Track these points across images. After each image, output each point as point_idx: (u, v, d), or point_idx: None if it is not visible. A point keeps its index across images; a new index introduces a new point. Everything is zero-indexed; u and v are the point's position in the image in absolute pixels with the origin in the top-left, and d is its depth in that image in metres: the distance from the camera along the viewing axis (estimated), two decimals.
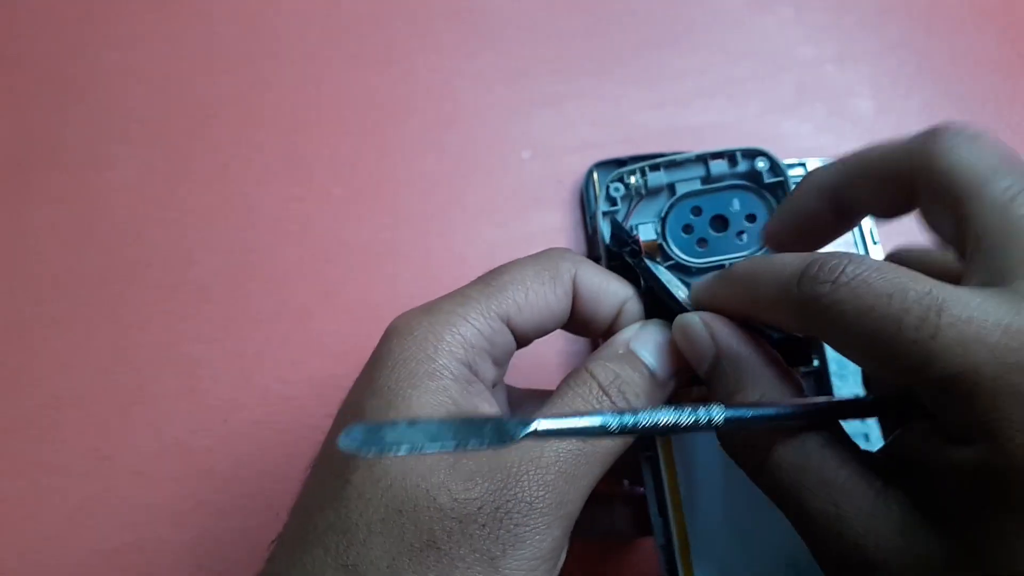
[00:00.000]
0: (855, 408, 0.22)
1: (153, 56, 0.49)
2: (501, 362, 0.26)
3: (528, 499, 0.21)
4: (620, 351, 0.25)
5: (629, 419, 0.20)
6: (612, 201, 0.29)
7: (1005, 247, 0.20)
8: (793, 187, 0.28)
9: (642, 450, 0.28)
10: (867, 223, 0.35)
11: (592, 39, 0.49)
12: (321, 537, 0.21)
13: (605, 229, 0.29)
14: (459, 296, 0.25)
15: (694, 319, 0.25)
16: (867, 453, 0.22)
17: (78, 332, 0.41)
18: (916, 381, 0.19)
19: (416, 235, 0.44)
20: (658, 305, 0.27)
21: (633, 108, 0.47)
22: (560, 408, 0.24)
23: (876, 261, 0.21)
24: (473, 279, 0.26)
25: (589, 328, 0.27)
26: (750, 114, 0.47)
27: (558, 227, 0.44)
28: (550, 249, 0.27)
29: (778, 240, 0.27)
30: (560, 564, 0.23)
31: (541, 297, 0.25)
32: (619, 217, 0.29)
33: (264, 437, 0.39)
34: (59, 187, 0.45)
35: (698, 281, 0.26)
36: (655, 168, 0.29)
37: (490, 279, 0.25)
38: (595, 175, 0.44)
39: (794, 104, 0.48)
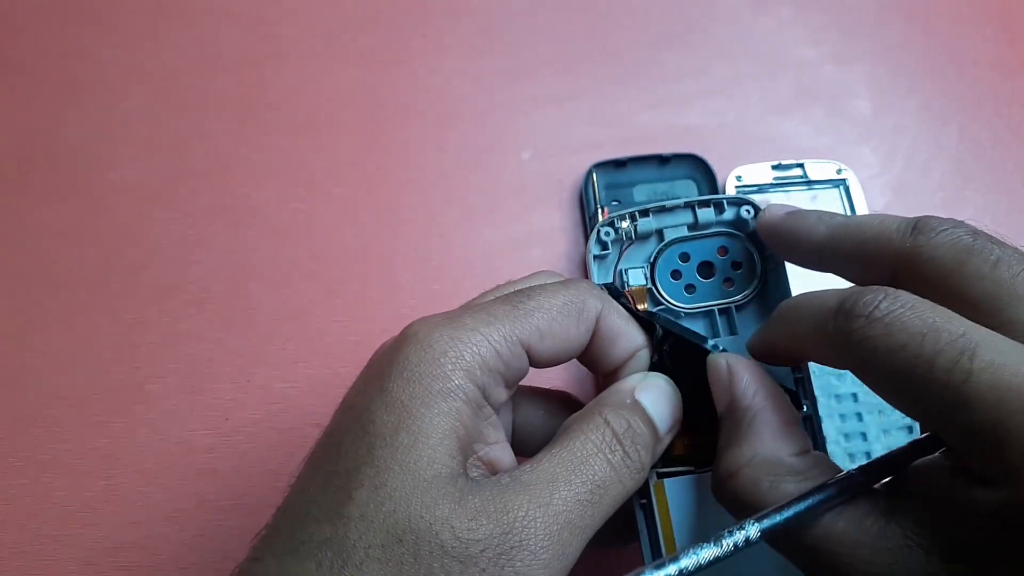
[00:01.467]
0: (880, 470, 0.23)
1: (153, 56, 0.49)
2: (512, 384, 0.25)
3: (532, 548, 0.21)
4: (627, 400, 0.25)
5: (680, 565, 0.21)
6: (603, 245, 0.30)
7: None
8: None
9: (637, 496, 0.28)
10: None
11: (592, 39, 0.49)
12: (315, 551, 0.21)
13: (596, 272, 0.30)
14: (484, 314, 0.24)
15: (719, 361, 0.26)
16: (881, 494, 0.23)
17: (78, 332, 0.42)
18: (945, 424, 0.19)
19: (416, 235, 0.44)
20: (669, 356, 0.27)
21: (633, 108, 0.48)
22: (571, 449, 0.23)
23: (912, 298, 0.21)
24: (475, 282, 0.26)
25: (596, 365, 0.27)
26: (749, 114, 0.47)
27: (558, 227, 0.44)
28: (580, 281, 0.26)
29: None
30: None
31: (564, 329, 0.25)
32: (610, 261, 0.30)
33: (264, 436, 0.39)
34: (59, 187, 0.45)
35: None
36: (644, 214, 0.30)
37: (518, 301, 0.25)
38: (595, 175, 0.44)
39: (793, 104, 0.48)
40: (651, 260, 0.30)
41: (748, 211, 0.29)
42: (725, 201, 0.29)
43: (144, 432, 0.39)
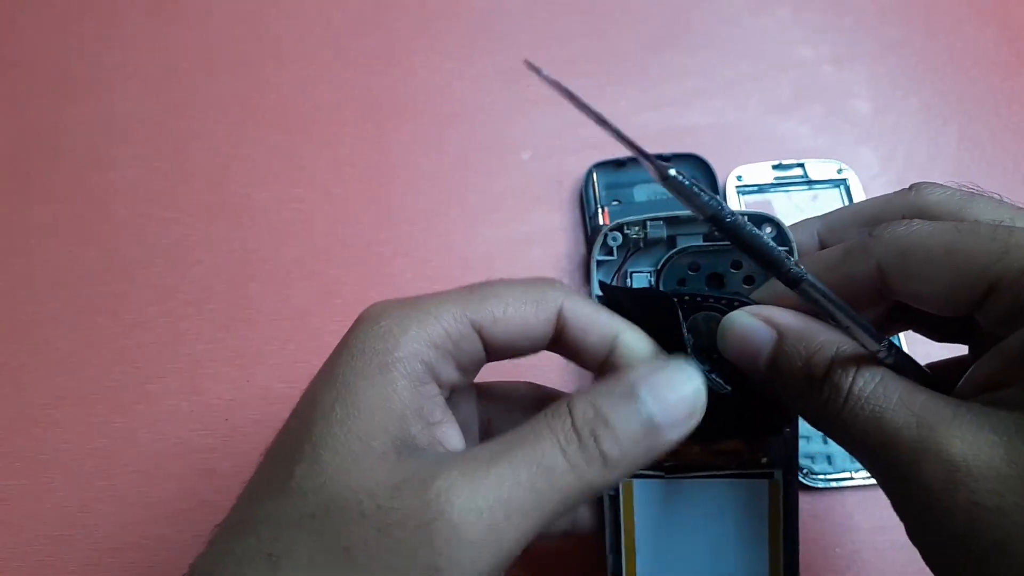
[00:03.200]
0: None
1: (153, 56, 0.49)
2: (467, 368, 0.25)
3: (454, 522, 0.20)
4: (617, 389, 0.23)
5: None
6: (608, 250, 0.29)
7: None
8: (797, 255, 0.28)
9: (608, 490, 0.28)
10: None
11: (592, 39, 0.49)
12: (256, 526, 0.21)
13: (597, 276, 0.29)
14: (438, 296, 0.24)
15: (740, 315, 0.25)
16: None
17: (79, 331, 0.42)
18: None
19: (416, 235, 0.44)
20: (667, 336, 0.26)
21: (632, 108, 0.48)
22: (521, 431, 0.22)
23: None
24: (471, 281, 0.26)
25: (583, 359, 0.26)
26: (749, 115, 0.47)
27: (558, 227, 0.44)
28: (542, 277, 0.26)
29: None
30: None
31: (520, 315, 0.24)
32: (614, 267, 0.29)
33: (265, 436, 0.39)
34: (59, 187, 0.45)
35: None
36: (656, 220, 0.29)
37: (474, 287, 0.25)
38: (595, 175, 0.44)
39: (792, 105, 0.48)
40: (658, 267, 0.29)
41: (771, 230, 0.28)
42: (747, 217, 0.28)
43: (144, 432, 0.39)
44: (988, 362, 0.23)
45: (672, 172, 0.20)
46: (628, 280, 0.29)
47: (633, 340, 0.25)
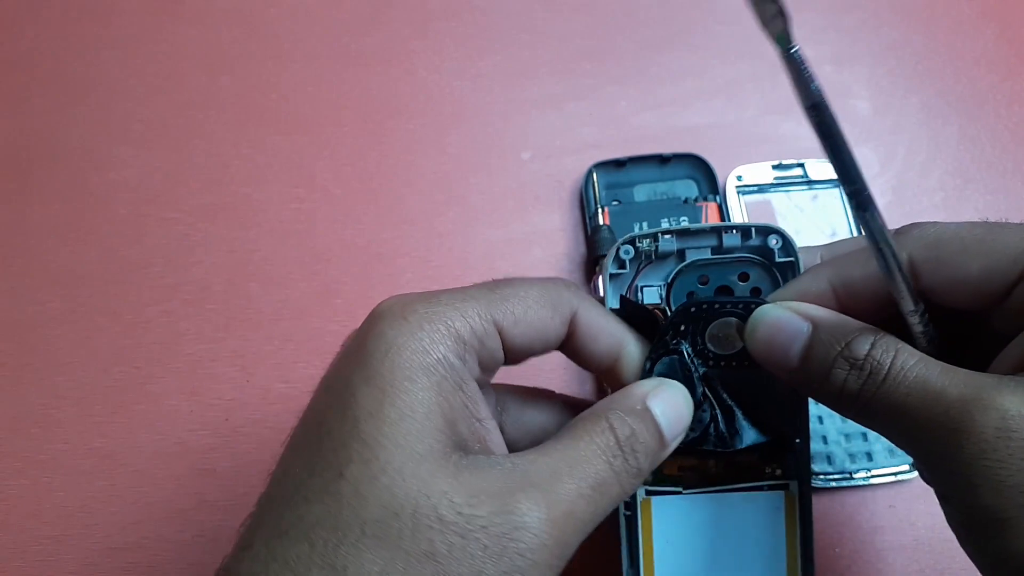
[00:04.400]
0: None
1: (153, 56, 0.49)
2: (489, 368, 0.25)
3: (535, 531, 0.21)
4: (637, 407, 0.25)
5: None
6: (621, 264, 0.29)
7: None
8: (802, 269, 0.28)
9: (623, 507, 0.28)
10: None
11: (592, 40, 0.49)
12: (307, 532, 0.20)
13: (611, 292, 0.29)
14: (459, 292, 0.24)
15: (772, 308, 0.26)
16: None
17: (79, 331, 0.42)
18: None
19: (416, 235, 0.44)
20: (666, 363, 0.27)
21: (632, 109, 0.48)
22: (575, 448, 0.23)
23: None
24: (475, 281, 0.26)
25: (587, 363, 0.27)
26: (748, 115, 0.47)
27: (558, 227, 0.44)
28: (557, 278, 0.26)
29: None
30: None
31: (539, 317, 0.25)
32: (626, 280, 0.29)
33: (265, 436, 0.39)
34: (60, 187, 0.45)
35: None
36: (667, 234, 0.29)
37: (494, 286, 0.25)
38: (595, 175, 0.44)
39: (792, 105, 0.47)
40: (668, 280, 0.29)
41: (777, 240, 0.28)
42: (754, 228, 0.29)
43: (144, 432, 0.39)
44: (1015, 347, 0.24)
45: (796, 48, 0.21)
46: (639, 295, 0.29)
47: (637, 353, 0.27)
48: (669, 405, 0.25)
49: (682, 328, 0.27)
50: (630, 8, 0.50)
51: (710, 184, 0.44)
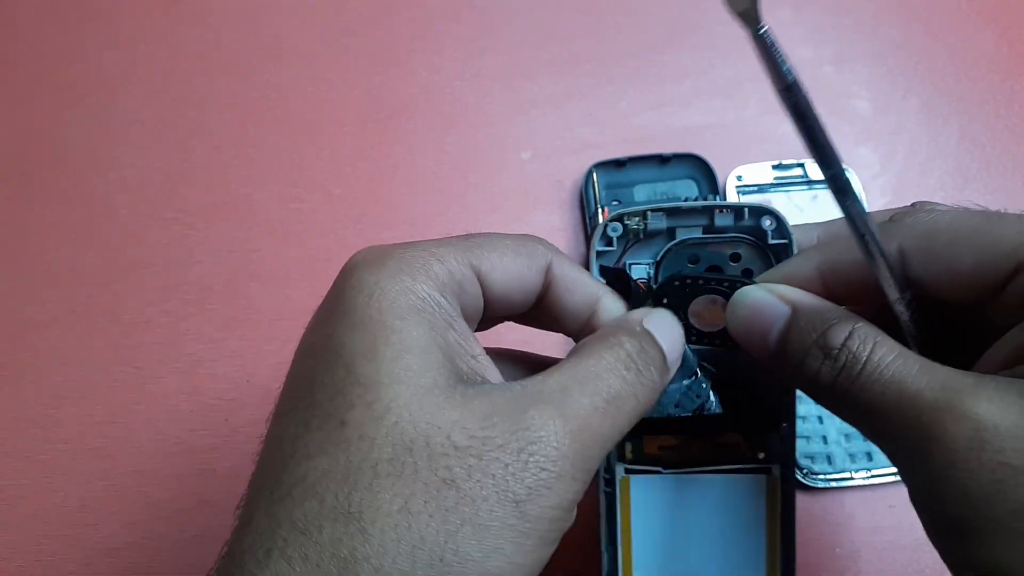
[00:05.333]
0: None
1: (153, 56, 0.49)
2: (470, 316, 0.24)
3: (555, 443, 0.20)
4: (637, 328, 0.24)
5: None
6: (608, 241, 0.29)
7: None
8: (796, 251, 0.28)
9: (604, 486, 0.28)
10: None
11: (592, 40, 0.49)
12: (314, 488, 0.19)
13: (596, 267, 0.29)
14: (434, 240, 0.24)
15: (753, 289, 0.25)
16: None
17: (79, 331, 0.42)
18: None
19: (416, 235, 0.43)
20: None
21: (632, 109, 0.48)
22: (584, 366, 0.23)
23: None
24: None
25: (561, 321, 0.26)
26: (748, 115, 0.47)
27: (558, 227, 0.44)
28: (529, 234, 0.26)
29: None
30: (572, 519, 0.22)
31: (515, 265, 0.24)
32: (613, 258, 0.29)
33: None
34: (60, 187, 0.45)
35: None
36: (656, 212, 0.29)
37: (468, 236, 0.25)
38: (595, 175, 0.44)
39: None
40: (658, 258, 0.29)
41: (771, 221, 0.28)
42: (747, 209, 0.28)
43: (144, 432, 0.39)
44: (1006, 342, 0.23)
45: (765, 28, 0.20)
46: (627, 272, 0.29)
47: (614, 305, 0.26)
48: (665, 327, 0.25)
49: (664, 301, 0.27)
50: (630, 8, 0.50)
51: (710, 184, 0.44)
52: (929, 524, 0.22)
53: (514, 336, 0.28)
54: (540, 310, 0.26)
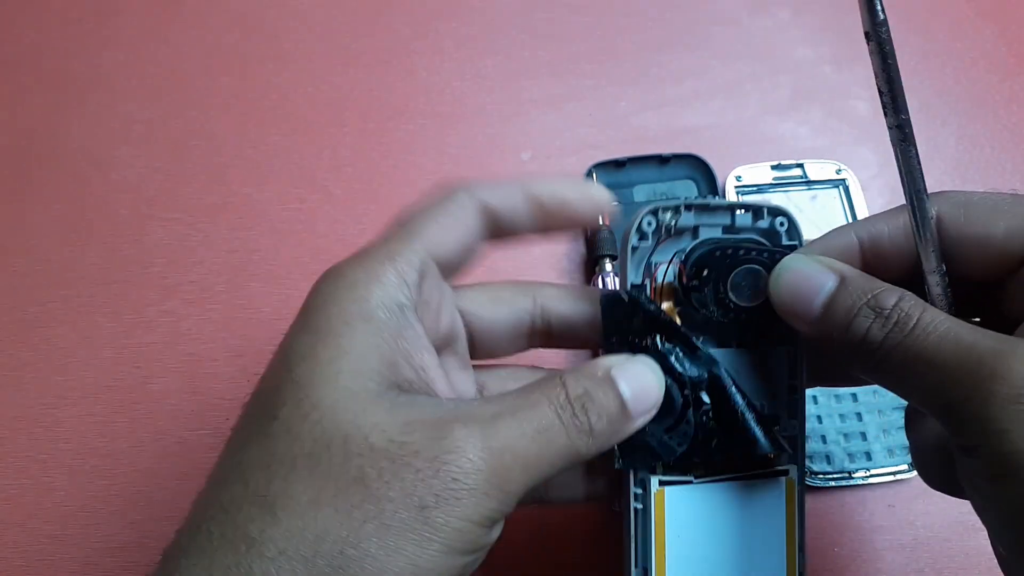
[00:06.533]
0: None
1: (154, 56, 0.49)
2: (447, 267, 0.26)
3: (471, 456, 0.21)
4: (598, 374, 0.24)
5: None
6: (642, 235, 0.29)
7: None
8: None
9: (634, 501, 0.28)
10: None
11: (591, 40, 0.50)
12: (243, 473, 0.21)
13: (632, 269, 0.29)
14: (380, 243, 0.25)
15: (800, 257, 0.26)
16: None
17: (79, 331, 0.42)
18: None
19: None
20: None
21: (632, 109, 0.48)
22: (520, 394, 0.23)
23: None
24: (477, 280, 0.26)
25: (557, 217, 0.28)
26: (748, 115, 0.47)
27: None
28: (443, 188, 0.27)
29: None
30: (494, 536, 0.22)
31: (458, 223, 0.26)
32: (646, 252, 0.29)
33: None
34: (61, 187, 0.45)
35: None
36: (688, 208, 0.29)
37: (400, 224, 0.25)
38: (595, 175, 0.44)
39: (792, 105, 0.48)
40: (684, 258, 0.29)
41: (782, 223, 0.28)
42: (766, 209, 0.29)
43: (144, 432, 0.39)
44: None
45: None
46: (654, 271, 0.29)
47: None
48: (634, 378, 0.25)
49: (704, 273, 0.27)
50: (630, 9, 0.50)
51: (709, 184, 0.44)
52: (983, 471, 0.22)
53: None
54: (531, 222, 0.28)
